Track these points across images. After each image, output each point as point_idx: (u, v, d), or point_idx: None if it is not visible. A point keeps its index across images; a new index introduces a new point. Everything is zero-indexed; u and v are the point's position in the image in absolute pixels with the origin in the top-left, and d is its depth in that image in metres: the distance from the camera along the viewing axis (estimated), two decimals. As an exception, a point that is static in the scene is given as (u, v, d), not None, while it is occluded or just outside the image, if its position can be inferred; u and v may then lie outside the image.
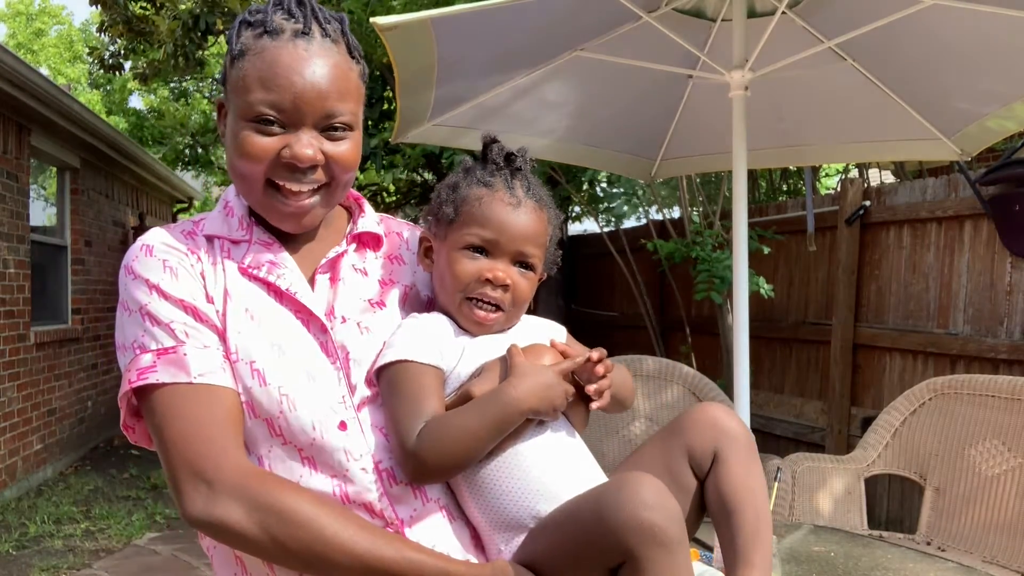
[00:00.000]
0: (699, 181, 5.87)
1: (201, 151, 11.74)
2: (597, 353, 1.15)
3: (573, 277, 8.14)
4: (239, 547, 1.06)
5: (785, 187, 7.09)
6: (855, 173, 6.35)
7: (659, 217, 6.43)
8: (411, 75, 2.43)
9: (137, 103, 17.39)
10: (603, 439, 3.13)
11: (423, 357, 1.12)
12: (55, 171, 6.84)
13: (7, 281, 5.42)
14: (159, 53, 7.67)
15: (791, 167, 6.36)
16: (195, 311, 1.10)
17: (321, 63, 1.10)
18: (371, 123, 6.75)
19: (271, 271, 1.15)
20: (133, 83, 14.60)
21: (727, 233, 4.89)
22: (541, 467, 1.11)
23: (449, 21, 2.23)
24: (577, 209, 8.15)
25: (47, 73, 17.86)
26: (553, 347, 1.19)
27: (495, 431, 1.08)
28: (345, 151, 1.13)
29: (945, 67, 2.81)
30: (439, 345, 1.14)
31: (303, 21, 1.11)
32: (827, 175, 8.73)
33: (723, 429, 1.18)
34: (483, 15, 2.27)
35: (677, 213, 6.42)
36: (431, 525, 1.11)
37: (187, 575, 4.17)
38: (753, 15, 2.77)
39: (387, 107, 6.91)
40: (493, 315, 1.17)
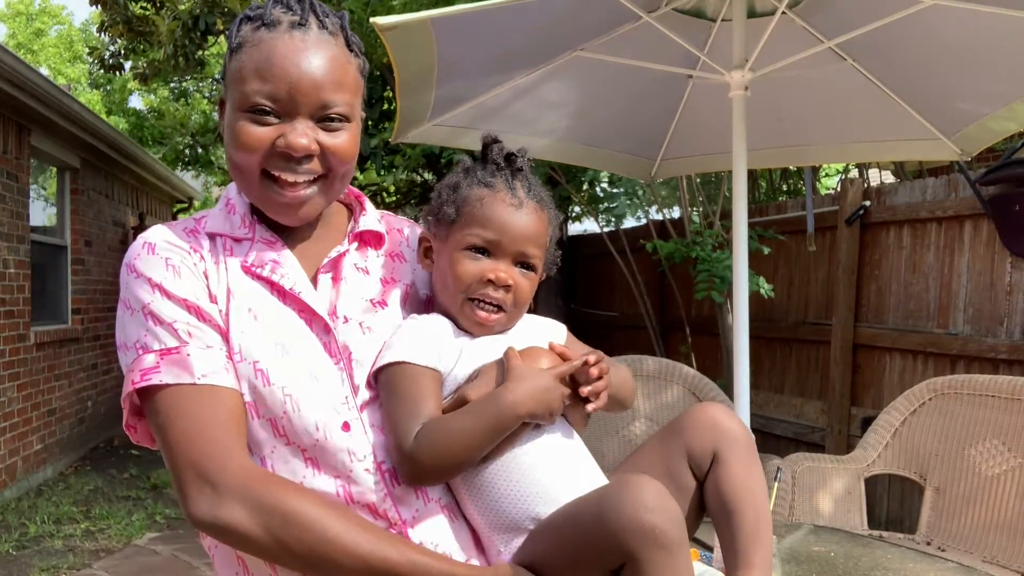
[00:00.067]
0: (699, 181, 5.87)
1: (201, 151, 11.76)
2: (594, 356, 1.15)
3: (573, 277, 8.13)
4: (243, 549, 1.06)
5: (785, 187, 7.09)
6: (855, 173, 6.35)
7: (659, 217, 6.43)
8: (411, 75, 2.43)
9: (137, 103, 17.42)
10: (603, 439, 3.13)
11: (421, 359, 1.12)
12: (55, 171, 6.84)
13: (7, 281, 5.42)
14: (159, 53, 7.68)
15: (791, 167, 6.36)
16: (198, 311, 1.10)
17: (317, 53, 1.09)
18: (371, 123, 6.75)
19: (274, 270, 1.15)
20: (133, 83, 14.61)
21: (727, 233, 4.89)
22: (540, 469, 1.11)
23: (449, 21, 2.23)
24: (577, 209, 8.15)
25: (47, 73, 17.86)
26: (551, 349, 1.19)
27: (491, 434, 1.08)
28: (341, 142, 1.12)
29: (945, 67, 2.81)
30: (437, 347, 1.14)
31: (300, 13, 1.11)
32: (827, 175, 8.73)
33: (723, 429, 1.18)
34: (483, 15, 2.27)
35: (677, 213, 6.42)
36: (433, 525, 1.11)
37: (187, 575, 4.17)
38: (753, 15, 2.77)
39: (387, 107, 6.91)
40: (495, 316, 1.17)
